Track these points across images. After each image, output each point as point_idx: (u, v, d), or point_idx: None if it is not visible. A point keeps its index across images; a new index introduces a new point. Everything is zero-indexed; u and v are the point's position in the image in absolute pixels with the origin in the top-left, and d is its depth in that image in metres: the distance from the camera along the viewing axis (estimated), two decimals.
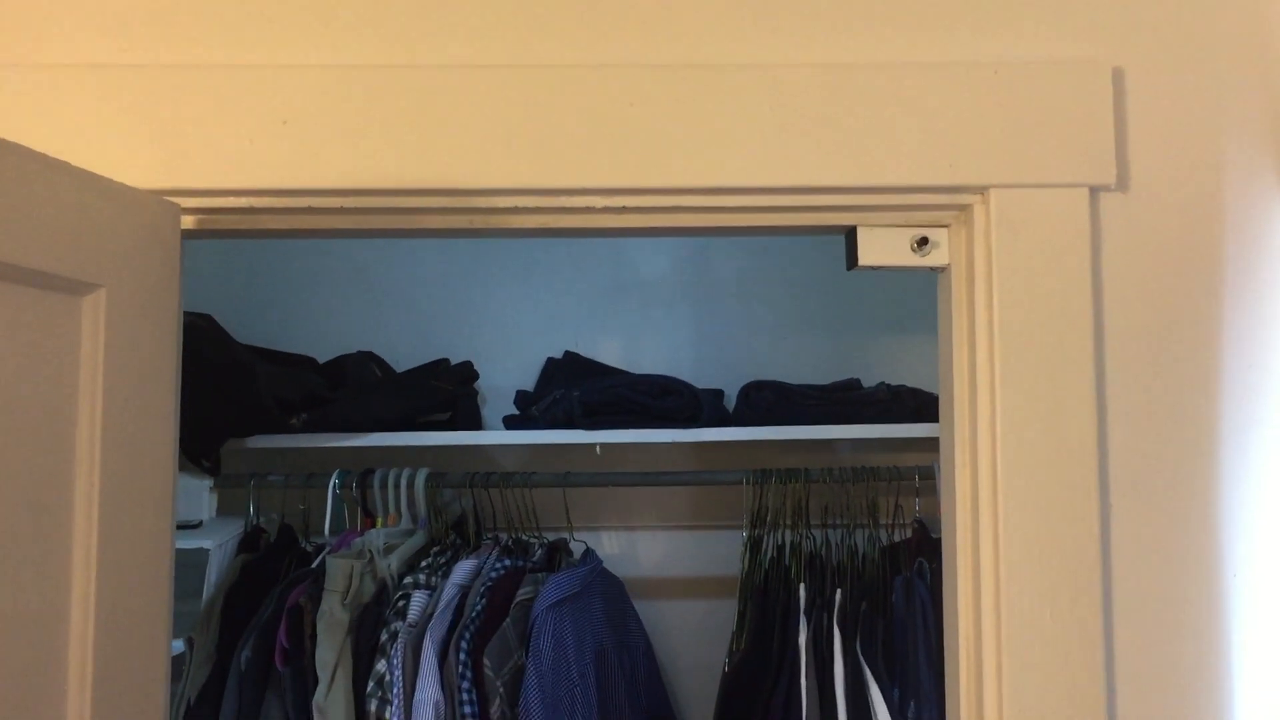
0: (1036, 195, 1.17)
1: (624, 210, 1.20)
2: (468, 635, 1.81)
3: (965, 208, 1.20)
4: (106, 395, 1.03)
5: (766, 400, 2.18)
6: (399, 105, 1.17)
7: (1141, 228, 1.19)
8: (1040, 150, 1.17)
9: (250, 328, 2.36)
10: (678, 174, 1.17)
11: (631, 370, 2.40)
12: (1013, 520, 1.15)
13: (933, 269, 1.27)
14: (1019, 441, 1.16)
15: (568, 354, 2.45)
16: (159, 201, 1.12)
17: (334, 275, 2.53)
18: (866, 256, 1.25)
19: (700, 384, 2.28)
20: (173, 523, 1.26)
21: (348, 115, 1.17)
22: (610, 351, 2.49)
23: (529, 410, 2.24)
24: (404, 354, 2.44)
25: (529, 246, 2.50)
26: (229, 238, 1.26)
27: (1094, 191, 1.18)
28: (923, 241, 1.24)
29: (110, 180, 1.05)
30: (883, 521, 2.10)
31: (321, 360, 2.38)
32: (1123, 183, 1.19)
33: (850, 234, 1.26)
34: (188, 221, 1.20)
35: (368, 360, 2.37)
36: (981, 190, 1.18)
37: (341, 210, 1.20)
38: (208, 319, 2.14)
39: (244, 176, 1.17)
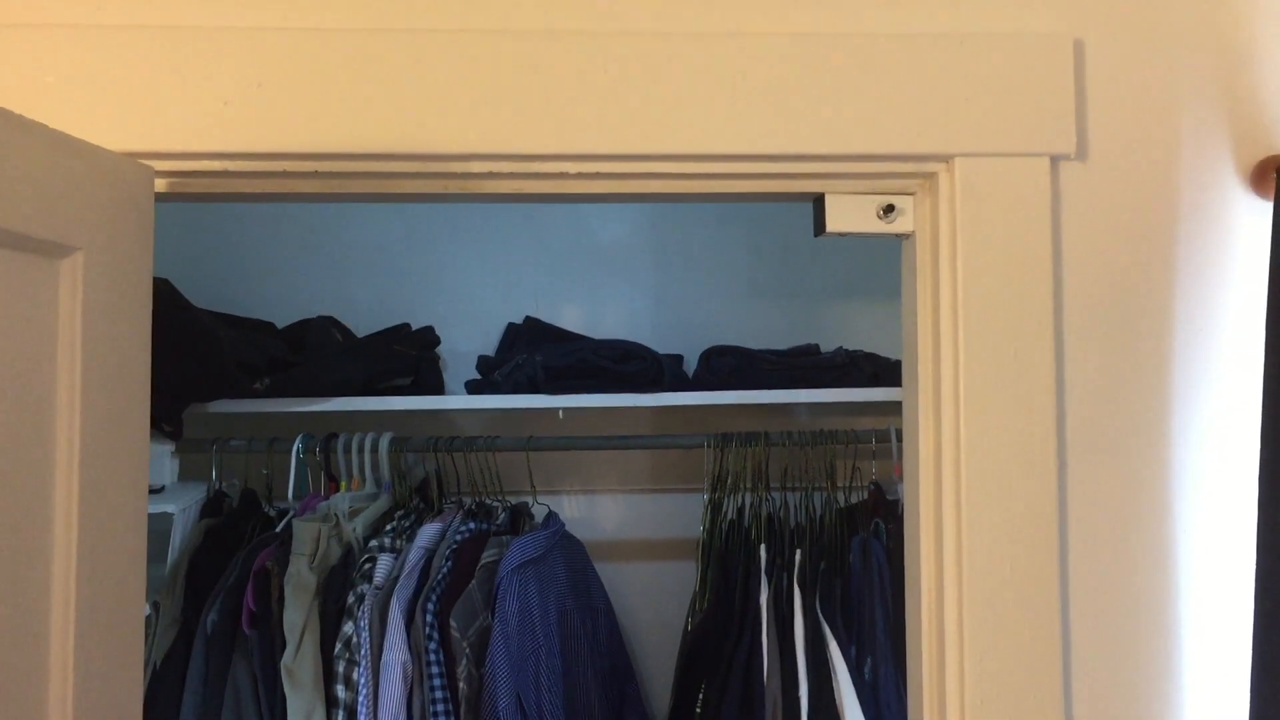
0: (999, 164, 1.21)
1: (596, 176, 1.22)
2: (434, 597, 1.83)
3: (931, 176, 1.23)
4: (85, 358, 1.03)
5: (727, 365, 2.21)
6: (375, 70, 1.17)
7: (1100, 196, 1.23)
8: (1003, 120, 1.20)
9: (208, 292, 2.34)
10: (649, 140, 1.19)
11: (592, 336, 2.42)
12: (974, 480, 1.19)
13: (898, 235, 1.30)
14: (981, 403, 1.19)
15: (529, 319, 2.46)
16: (134, 164, 1.12)
17: (293, 239, 2.51)
18: (834, 223, 1.27)
19: (661, 349, 2.30)
20: (146, 486, 1.27)
21: (323, 79, 1.17)
22: (571, 317, 2.51)
23: (491, 375, 2.25)
24: (365, 319, 2.43)
25: (492, 212, 2.50)
26: (203, 201, 1.26)
27: (1055, 161, 1.22)
28: (889, 209, 1.27)
29: (85, 142, 1.04)
30: (840, 484, 2.14)
31: (281, 325, 2.37)
32: (1082, 153, 1.23)
33: (818, 201, 1.29)
34: (160, 185, 1.20)
35: (329, 325, 2.36)
36: (947, 159, 1.21)
37: (316, 175, 1.21)
38: (166, 283, 2.12)
39: (218, 140, 1.17)
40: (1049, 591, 1.19)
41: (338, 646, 1.79)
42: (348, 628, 1.80)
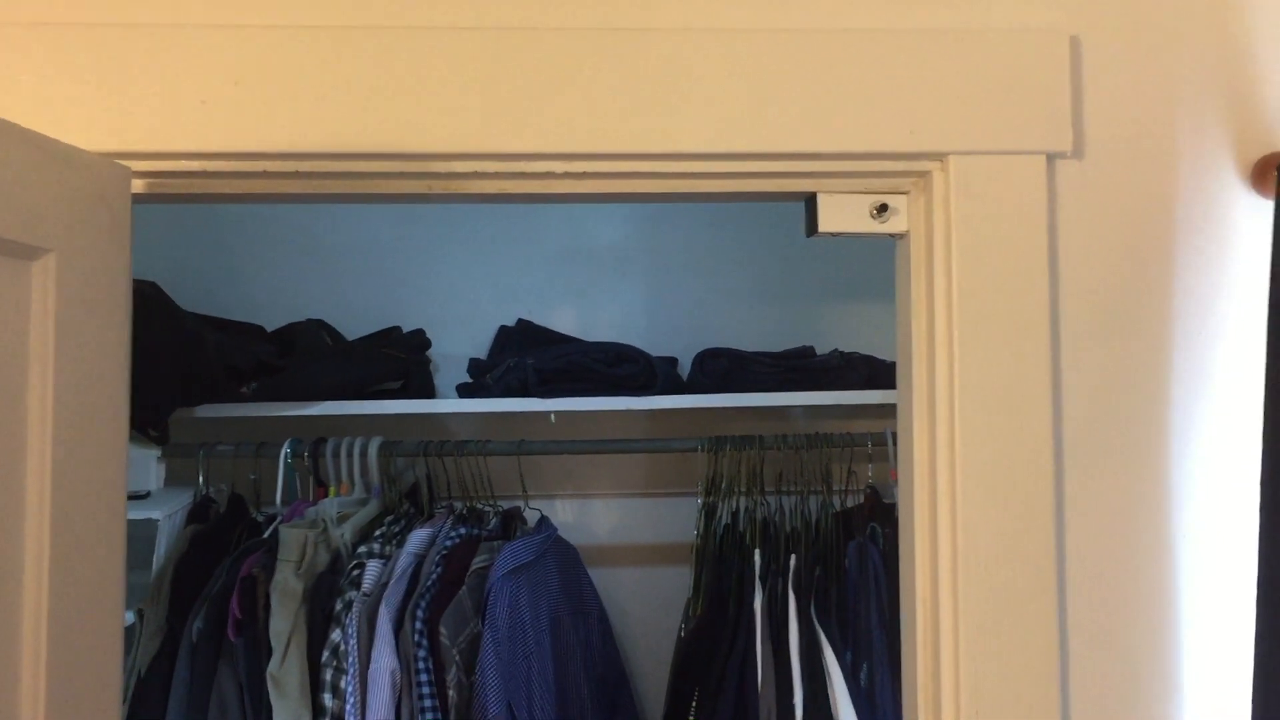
0: (995, 162, 1.18)
1: (583, 175, 1.20)
2: (423, 604, 1.80)
3: (925, 174, 1.21)
4: (58, 361, 1.00)
5: (721, 368, 2.19)
6: (355, 68, 1.15)
7: (1097, 195, 1.20)
8: (999, 117, 1.18)
9: (198, 295, 2.32)
10: (637, 140, 1.17)
11: (585, 338, 2.39)
12: (969, 484, 1.17)
13: (892, 235, 1.27)
14: (976, 405, 1.17)
15: (521, 321, 2.43)
16: (109, 164, 1.09)
17: (283, 242, 2.49)
18: (826, 223, 1.25)
19: (654, 352, 2.28)
20: (124, 491, 1.24)
21: (303, 77, 1.14)
22: (564, 319, 2.48)
23: (482, 378, 2.23)
24: (355, 322, 2.41)
25: (483, 213, 2.48)
26: (181, 202, 1.24)
27: (1051, 159, 1.20)
28: (882, 208, 1.24)
29: (59, 142, 1.02)
30: (836, 487, 2.11)
31: (271, 328, 2.35)
32: (1079, 150, 1.20)
33: (810, 200, 1.26)
34: (138, 185, 1.17)
35: (318, 328, 2.34)
36: (941, 157, 1.19)
37: (296, 175, 1.18)
38: (153, 286, 2.10)
39: (195, 139, 1.14)
40: (1046, 597, 1.17)
41: (325, 654, 1.77)
42: (335, 635, 1.77)
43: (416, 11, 1.17)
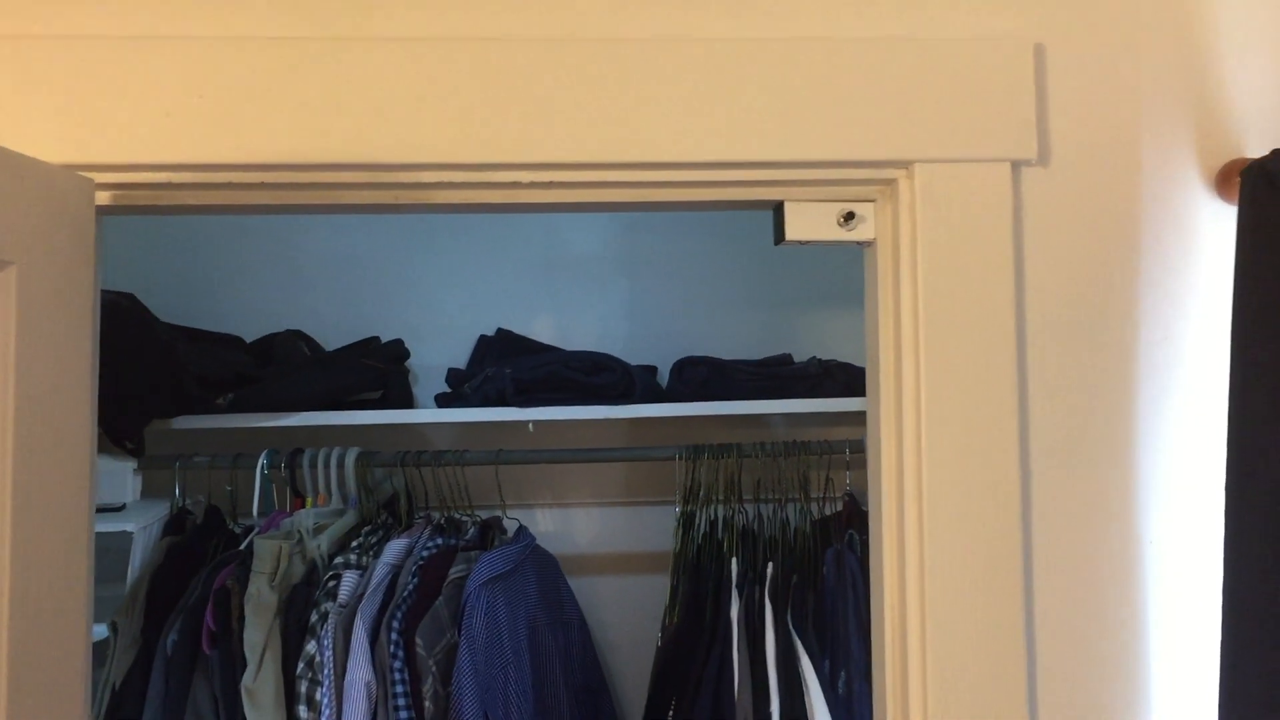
0: (960, 169, 1.19)
1: (550, 185, 1.19)
2: (399, 615, 1.80)
3: (890, 182, 1.21)
4: (20, 373, 1.00)
5: (700, 376, 2.19)
6: (319, 78, 1.14)
7: (1062, 202, 1.21)
8: (963, 125, 1.18)
9: (178, 307, 2.32)
10: (603, 149, 1.17)
11: (565, 347, 2.39)
12: (936, 491, 1.17)
13: (859, 243, 1.28)
14: (942, 413, 1.17)
15: (500, 331, 2.43)
16: (71, 176, 1.09)
17: (263, 254, 2.48)
18: (794, 231, 1.25)
19: (634, 360, 2.28)
20: (92, 504, 1.24)
21: (267, 88, 1.14)
22: (543, 328, 2.48)
23: (461, 388, 2.23)
24: (335, 333, 2.40)
25: (462, 223, 2.48)
26: (148, 214, 1.23)
27: (1016, 166, 1.20)
28: (849, 216, 1.25)
29: (18, 154, 1.01)
30: (814, 495, 2.12)
31: (250, 340, 2.34)
32: (1044, 158, 1.21)
33: (778, 209, 1.26)
34: (103, 197, 1.17)
35: (297, 339, 2.33)
36: (906, 165, 1.19)
37: (262, 185, 1.18)
38: (130, 298, 2.09)
39: (160, 151, 1.14)
40: (1013, 603, 1.17)
41: (300, 666, 1.76)
42: (310, 647, 1.77)
43: (381, 23, 1.17)
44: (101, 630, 1.81)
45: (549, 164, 1.17)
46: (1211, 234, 1.22)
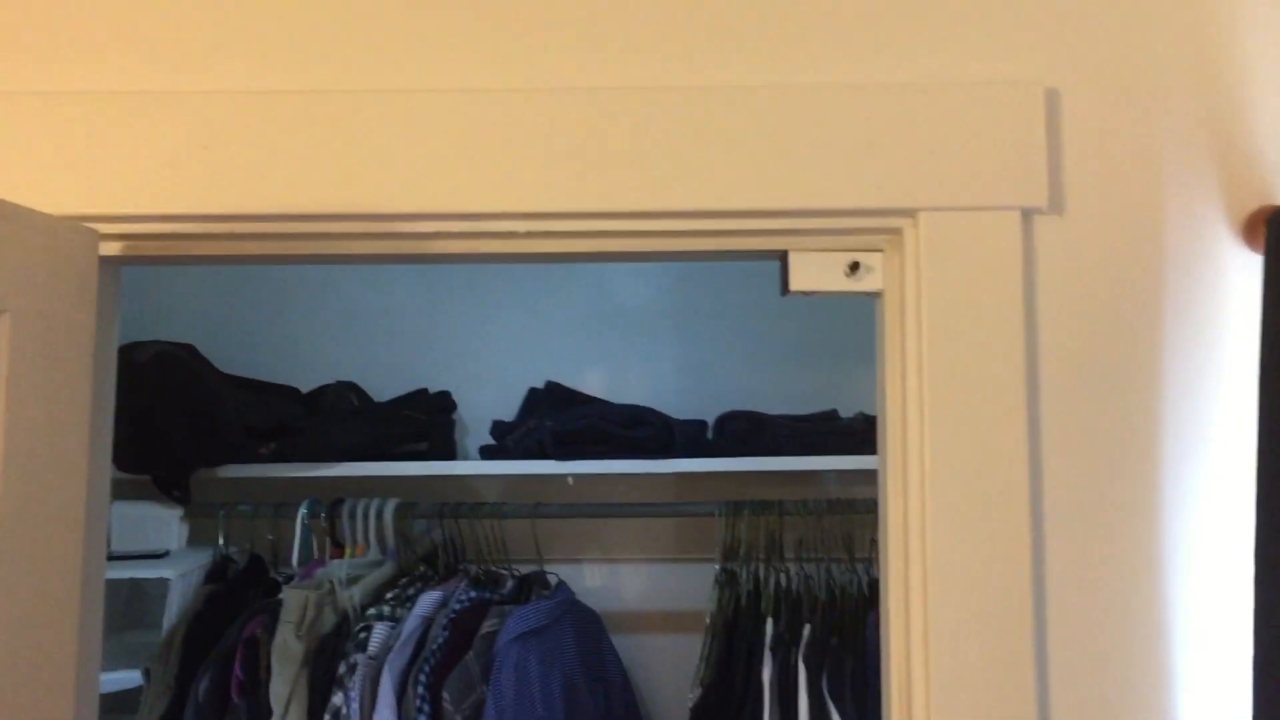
0: (967, 218, 1.14)
1: (547, 235, 1.18)
2: (427, 668, 1.78)
3: (896, 231, 1.17)
4: (10, 420, 1.01)
5: (739, 430, 2.15)
6: (319, 130, 1.16)
7: (1078, 252, 1.15)
8: (971, 172, 1.14)
9: (239, 358, 2.37)
10: (599, 198, 1.15)
11: (614, 400, 2.37)
12: (940, 552, 1.11)
13: (867, 294, 1.24)
14: (947, 475, 1.12)
15: (549, 384, 2.43)
16: (73, 227, 1.11)
17: (323, 306, 2.53)
18: (798, 282, 1.22)
19: (684, 414, 2.25)
20: (101, 551, 1.25)
21: (269, 140, 1.16)
22: (593, 381, 2.47)
23: (505, 440, 2.22)
24: (388, 384, 2.43)
25: (514, 275, 2.49)
26: (157, 264, 1.26)
27: (1026, 214, 1.15)
28: (854, 266, 1.21)
29: (16, 205, 1.04)
30: (859, 555, 2.05)
31: (306, 390, 2.38)
32: (1057, 205, 1.16)
33: (783, 258, 1.23)
34: (113, 248, 1.19)
35: (347, 390, 2.37)
36: (911, 213, 1.15)
37: (264, 236, 1.19)
38: (189, 349, 2.15)
39: (164, 202, 1.16)
40: (1024, 682, 1.10)
41: (326, 718, 1.75)
42: (337, 698, 1.76)
43: (376, 77, 1.18)
44: (135, 677, 1.83)
45: (543, 213, 1.16)
46: (1239, 284, 1.15)
